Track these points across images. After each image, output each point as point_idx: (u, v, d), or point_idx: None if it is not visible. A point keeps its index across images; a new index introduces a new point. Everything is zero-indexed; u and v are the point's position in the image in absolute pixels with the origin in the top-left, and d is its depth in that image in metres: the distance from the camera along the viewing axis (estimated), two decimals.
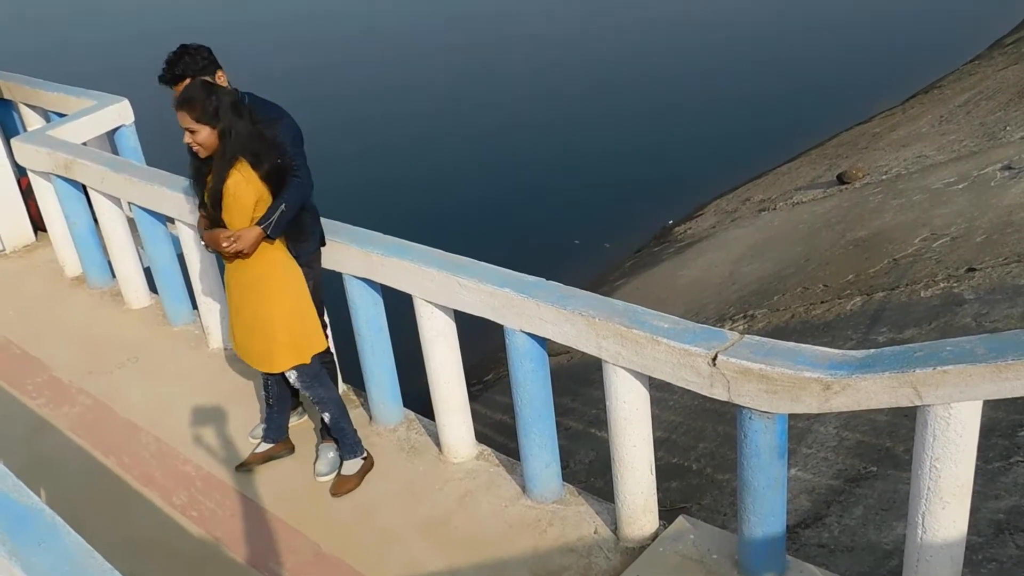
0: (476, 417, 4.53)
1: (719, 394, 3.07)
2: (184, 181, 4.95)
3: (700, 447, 5.67)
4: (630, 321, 3.28)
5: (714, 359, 3.04)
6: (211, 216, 3.69)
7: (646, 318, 3.29)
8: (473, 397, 4.78)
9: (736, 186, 12.79)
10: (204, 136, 3.50)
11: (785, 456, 3.12)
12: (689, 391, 3.22)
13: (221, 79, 3.87)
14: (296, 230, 3.86)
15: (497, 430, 6.95)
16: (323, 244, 4.19)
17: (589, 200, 12.56)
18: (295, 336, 3.87)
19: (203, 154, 3.55)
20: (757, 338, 3.08)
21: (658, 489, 3.77)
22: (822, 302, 6.84)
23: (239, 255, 3.69)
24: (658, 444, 3.75)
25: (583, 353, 3.48)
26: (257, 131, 3.58)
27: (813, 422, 5.28)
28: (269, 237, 3.66)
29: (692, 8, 23.13)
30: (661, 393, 6.66)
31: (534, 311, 3.54)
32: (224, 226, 3.66)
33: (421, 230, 4.60)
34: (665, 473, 5.43)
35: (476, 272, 3.78)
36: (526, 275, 3.72)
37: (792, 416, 3.12)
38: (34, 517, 2.62)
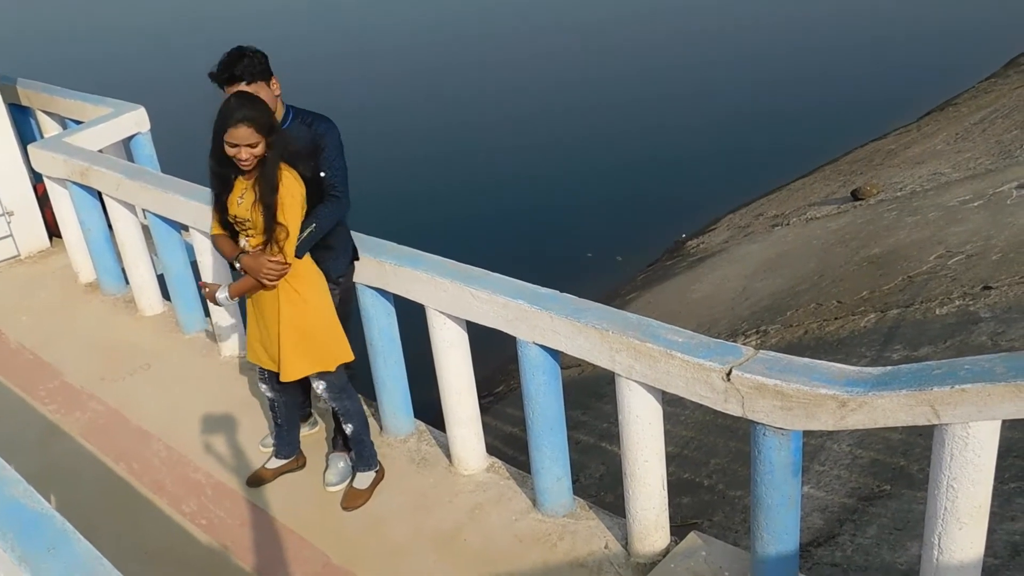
0: (487, 429, 4.51)
1: (733, 410, 3.04)
2: (199, 189, 4.98)
3: (712, 463, 5.63)
4: (644, 335, 3.26)
5: (728, 374, 3.01)
6: (255, 225, 3.60)
7: (660, 332, 3.27)
8: (484, 409, 4.76)
9: (749, 201, 12.77)
10: (260, 149, 3.50)
11: (799, 474, 3.08)
12: (701, 406, 3.20)
13: (275, 86, 3.79)
14: (324, 246, 3.88)
15: (507, 443, 6.93)
16: (356, 259, 4.16)
17: (602, 213, 12.56)
18: (319, 343, 3.85)
19: (251, 165, 3.53)
20: (772, 353, 3.06)
21: (669, 504, 3.74)
22: (836, 318, 6.81)
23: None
24: (669, 459, 3.73)
25: (595, 366, 3.46)
26: (290, 139, 3.66)
27: (826, 439, 5.24)
28: (297, 252, 3.68)
29: (706, 24, 23.17)
30: (673, 408, 6.63)
31: (547, 323, 3.52)
32: (271, 232, 3.59)
33: (434, 241, 4.60)
34: (676, 488, 5.40)
35: (489, 283, 3.76)
36: (540, 287, 3.70)
37: (806, 433, 3.10)
38: (44, 523, 2.62)
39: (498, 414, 8.05)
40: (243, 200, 3.61)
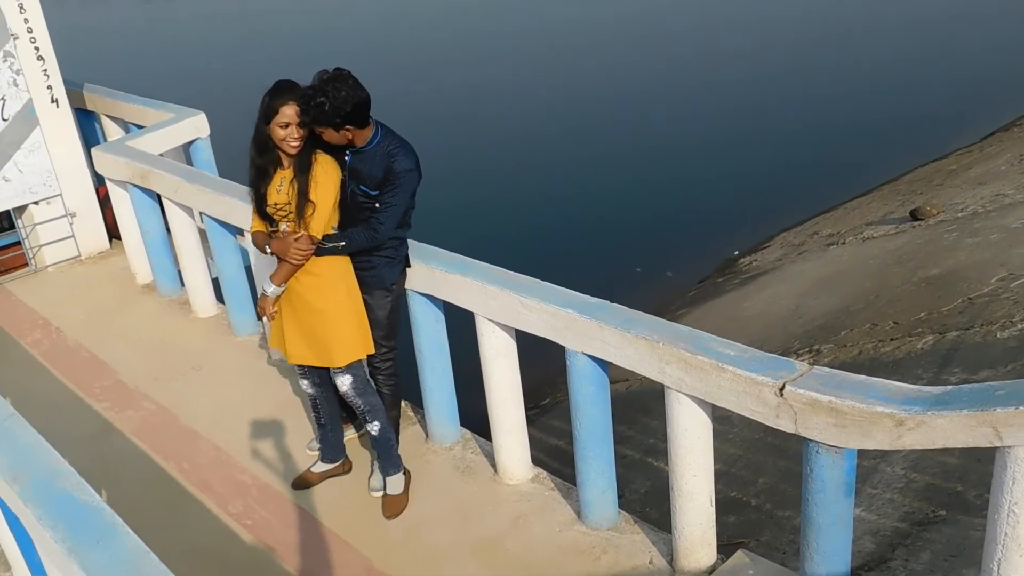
0: (532, 441, 4.48)
1: (785, 426, 2.98)
2: None
3: (760, 482, 5.52)
4: (695, 347, 3.21)
5: (781, 389, 2.95)
6: (292, 208, 3.68)
7: (712, 344, 3.22)
8: (530, 421, 4.73)
9: (804, 219, 12.57)
10: (306, 131, 3.62)
11: (852, 494, 3.01)
12: (749, 424, 3.15)
13: (348, 133, 3.73)
14: (382, 254, 3.94)
15: (552, 456, 6.87)
16: (408, 266, 4.18)
17: (654, 228, 12.47)
18: (353, 332, 3.89)
19: (298, 148, 3.63)
20: (827, 370, 2.99)
21: (715, 522, 3.68)
22: (891, 339, 6.65)
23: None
24: (717, 477, 3.66)
25: (643, 380, 3.42)
26: None
27: (880, 462, 5.11)
28: (316, 253, 3.74)
29: (770, 36, 22.99)
30: (721, 426, 6.52)
31: (597, 333, 3.49)
32: (302, 216, 3.67)
33: (484, 251, 4.59)
34: (723, 507, 5.30)
35: (539, 292, 3.75)
36: (589, 297, 3.67)
37: (859, 454, 3.02)
38: (94, 516, 2.65)
39: (544, 426, 8.00)
40: (282, 186, 3.71)
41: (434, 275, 4.11)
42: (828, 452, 2.91)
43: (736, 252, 12.01)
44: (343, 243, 3.78)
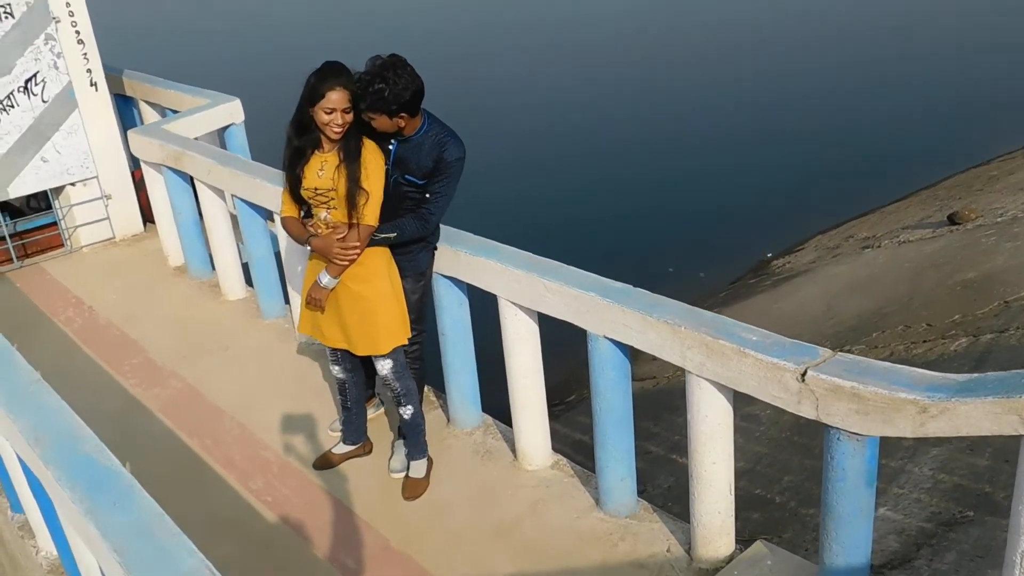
0: (555, 436, 4.45)
1: (806, 412, 2.94)
2: None
3: (785, 480, 5.46)
4: (717, 331, 3.18)
5: (803, 375, 2.91)
6: (337, 194, 3.61)
7: (734, 329, 3.19)
8: (554, 416, 4.71)
9: (840, 223, 12.44)
10: (351, 116, 3.56)
11: (874, 483, 2.96)
12: (776, 423, 3.11)
13: (401, 121, 3.68)
14: (422, 242, 3.93)
15: (576, 449, 6.84)
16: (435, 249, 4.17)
17: (686, 228, 12.41)
18: (396, 318, 3.87)
19: (342, 134, 3.57)
20: (851, 356, 2.95)
21: (738, 519, 3.63)
22: (924, 341, 6.55)
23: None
24: (741, 474, 3.62)
25: (669, 378, 3.40)
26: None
27: (907, 462, 5.04)
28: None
29: (817, 31, 22.79)
30: (747, 423, 6.46)
31: (619, 317, 3.47)
32: (353, 198, 3.60)
33: (513, 243, 4.57)
34: (746, 503, 5.24)
35: (562, 275, 3.73)
36: (612, 280, 3.65)
37: (885, 454, 2.97)
38: (112, 479, 2.68)
39: (567, 422, 7.97)
40: (323, 171, 3.63)
41: (459, 258, 4.10)
42: (849, 439, 2.86)
43: (769, 254, 11.91)
44: (395, 234, 3.73)
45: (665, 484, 6.00)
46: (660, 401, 7.46)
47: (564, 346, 4.13)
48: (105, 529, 2.46)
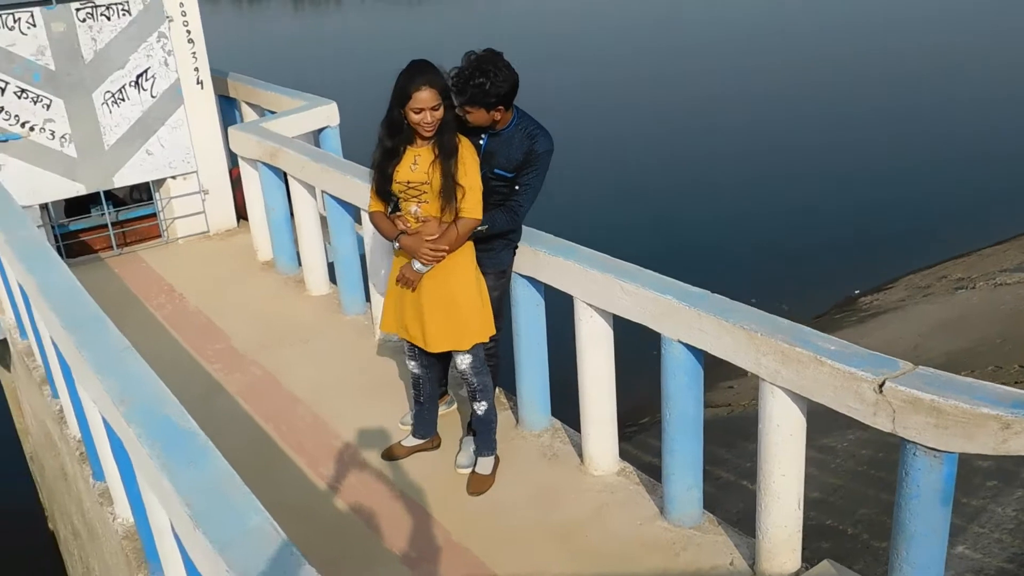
0: (626, 457, 4.38)
1: (883, 424, 2.86)
2: None
3: (859, 512, 5.30)
4: (793, 339, 3.12)
5: (881, 386, 2.84)
6: (431, 188, 3.65)
7: (811, 338, 3.12)
8: (627, 438, 4.67)
9: (933, 263, 12.07)
10: (441, 113, 3.59)
11: (950, 503, 2.85)
12: (853, 456, 3.03)
13: (497, 114, 3.76)
14: (506, 240, 3.99)
15: (644, 468, 6.77)
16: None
17: (775, 259, 12.22)
18: (479, 315, 3.91)
19: (434, 131, 3.61)
20: (932, 370, 2.86)
21: (806, 547, 3.54)
22: (1016, 382, 6.30)
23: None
24: (813, 504, 3.53)
25: (744, 406, 3.35)
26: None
27: (990, 502, 4.83)
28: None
29: (929, 76, 22.30)
30: (822, 455, 6.30)
31: (694, 321, 3.43)
32: (450, 193, 3.63)
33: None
34: (816, 532, 5.11)
35: (639, 277, 3.72)
36: (689, 285, 3.62)
37: (967, 492, 2.86)
38: (189, 440, 2.78)
39: (640, 444, 7.90)
40: (417, 165, 3.68)
41: (537, 257, 4.12)
42: (926, 455, 2.77)
43: (857, 291, 11.62)
44: (486, 227, 3.77)
45: (734, 509, 5.88)
46: (734, 428, 7.34)
47: (641, 370, 4.10)
48: (179, 484, 2.55)
